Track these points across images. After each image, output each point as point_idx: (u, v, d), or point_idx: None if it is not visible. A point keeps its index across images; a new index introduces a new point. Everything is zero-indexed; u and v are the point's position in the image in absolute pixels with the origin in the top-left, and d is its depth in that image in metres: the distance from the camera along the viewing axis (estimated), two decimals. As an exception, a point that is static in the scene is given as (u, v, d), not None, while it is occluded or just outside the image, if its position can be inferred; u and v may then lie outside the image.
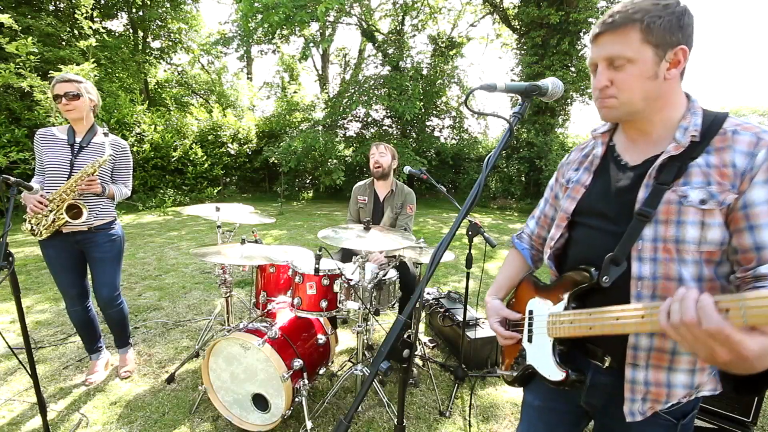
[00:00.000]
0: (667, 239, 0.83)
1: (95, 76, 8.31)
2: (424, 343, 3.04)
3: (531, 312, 1.08)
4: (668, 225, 0.83)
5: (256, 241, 2.67)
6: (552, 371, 0.98)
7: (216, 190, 12.07)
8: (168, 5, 15.55)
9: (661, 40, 0.82)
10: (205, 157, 11.90)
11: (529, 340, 1.07)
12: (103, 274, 2.39)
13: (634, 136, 0.96)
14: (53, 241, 2.24)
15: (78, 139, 2.27)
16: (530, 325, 1.07)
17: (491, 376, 2.67)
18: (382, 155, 2.96)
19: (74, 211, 2.18)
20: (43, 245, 2.27)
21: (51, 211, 2.15)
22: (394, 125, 14.41)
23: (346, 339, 3.17)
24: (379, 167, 2.96)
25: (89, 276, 2.45)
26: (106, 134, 2.25)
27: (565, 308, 0.96)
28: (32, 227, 2.18)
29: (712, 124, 0.84)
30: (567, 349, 1.00)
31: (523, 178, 12.87)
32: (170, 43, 17.05)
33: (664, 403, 0.89)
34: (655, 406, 0.89)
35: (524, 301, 1.13)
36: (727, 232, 0.81)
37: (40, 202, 2.12)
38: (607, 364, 0.92)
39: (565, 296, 0.96)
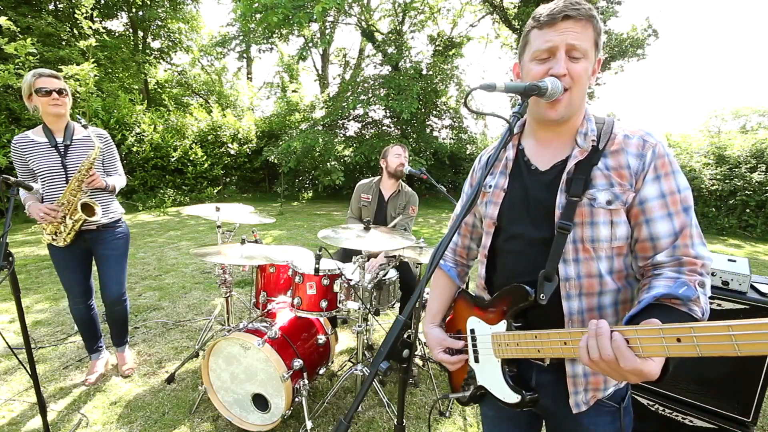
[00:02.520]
0: (584, 240, 0.90)
1: (95, 76, 8.30)
2: (424, 343, 3.04)
3: (473, 331, 1.06)
4: (584, 227, 0.89)
5: (256, 241, 2.67)
6: (506, 394, 0.98)
7: (216, 190, 12.08)
8: (167, 5, 15.56)
9: (598, 45, 0.89)
10: (205, 157, 11.90)
11: (476, 360, 1.06)
12: (111, 271, 2.42)
13: (547, 138, 0.99)
14: None
15: (59, 139, 2.22)
16: (474, 344, 1.06)
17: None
18: (406, 158, 3.01)
19: (87, 209, 2.19)
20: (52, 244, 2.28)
21: (65, 216, 2.15)
22: (393, 125, 14.41)
23: (346, 339, 3.18)
24: (402, 167, 2.97)
25: (93, 275, 2.47)
26: (85, 126, 2.19)
27: (508, 328, 0.95)
28: (53, 237, 2.19)
29: (604, 129, 0.92)
30: (517, 370, 1.00)
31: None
32: (170, 43, 17.06)
33: (603, 390, 0.95)
34: (596, 394, 0.95)
35: (463, 318, 1.11)
36: (629, 226, 0.89)
37: (51, 210, 2.11)
38: (547, 362, 0.96)
39: (505, 316, 0.96)
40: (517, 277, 0.96)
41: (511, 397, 0.96)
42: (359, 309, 2.22)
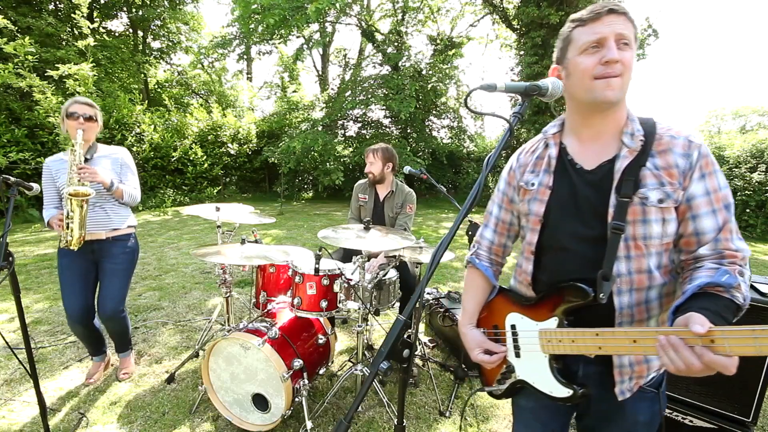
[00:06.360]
0: (636, 237, 0.92)
1: (94, 75, 8.30)
2: (424, 343, 3.04)
3: (513, 327, 1.08)
4: (635, 225, 0.92)
5: (256, 241, 2.67)
6: (554, 388, 0.99)
7: (216, 190, 12.08)
8: (167, 4, 15.55)
9: (636, 40, 0.93)
10: (205, 157, 11.90)
11: (517, 355, 1.07)
12: (112, 285, 2.37)
13: (590, 135, 1.00)
14: (70, 250, 2.20)
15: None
16: (515, 340, 1.07)
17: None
18: (371, 164, 2.94)
19: (80, 197, 2.11)
20: (60, 254, 2.27)
21: (69, 217, 2.11)
22: (393, 125, 14.41)
23: (346, 339, 3.18)
24: (369, 174, 2.96)
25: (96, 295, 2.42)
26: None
27: (559, 325, 0.97)
28: (66, 239, 2.16)
29: (648, 129, 0.95)
30: (563, 366, 1.01)
31: (523, 178, 12.83)
32: (170, 43, 17.05)
33: (646, 377, 1.00)
34: (639, 381, 1.00)
35: (500, 314, 1.12)
36: (677, 222, 0.93)
37: (60, 219, 2.14)
38: (593, 354, 0.97)
39: (557, 313, 0.98)
40: (565, 274, 0.99)
41: (561, 391, 0.98)
42: (359, 309, 2.22)
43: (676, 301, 0.84)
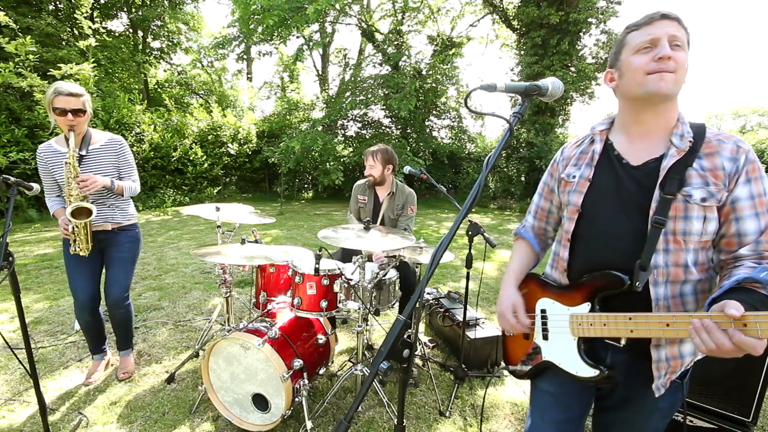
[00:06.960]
0: (676, 232, 0.96)
1: (95, 76, 8.31)
2: (424, 343, 3.04)
3: (544, 311, 1.14)
4: (677, 220, 0.96)
5: (256, 241, 2.66)
6: (580, 368, 1.04)
7: (216, 190, 12.09)
8: (167, 4, 15.55)
9: (689, 45, 0.98)
10: (205, 157, 11.90)
11: (545, 338, 1.13)
12: (118, 273, 2.42)
13: (639, 133, 1.04)
14: None
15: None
16: (544, 323, 1.13)
17: (491, 376, 2.67)
18: (371, 167, 2.92)
19: (83, 215, 2.15)
20: (66, 243, 2.29)
21: (75, 232, 2.16)
22: (393, 125, 14.41)
23: (346, 339, 3.18)
24: (370, 177, 2.96)
25: (102, 283, 2.46)
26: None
27: (591, 310, 1.01)
28: (75, 248, 2.21)
29: (698, 132, 0.99)
30: (589, 347, 1.07)
31: (523, 178, 12.89)
32: (170, 43, 17.06)
33: (679, 372, 1.03)
34: (672, 376, 1.03)
35: (531, 300, 1.19)
36: (719, 222, 0.97)
37: (66, 228, 2.16)
38: (623, 342, 1.03)
39: (591, 299, 1.04)
40: (603, 263, 1.04)
41: (587, 371, 1.03)
42: (359, 309, 2.22)
43: (712, 294, 0.87)
